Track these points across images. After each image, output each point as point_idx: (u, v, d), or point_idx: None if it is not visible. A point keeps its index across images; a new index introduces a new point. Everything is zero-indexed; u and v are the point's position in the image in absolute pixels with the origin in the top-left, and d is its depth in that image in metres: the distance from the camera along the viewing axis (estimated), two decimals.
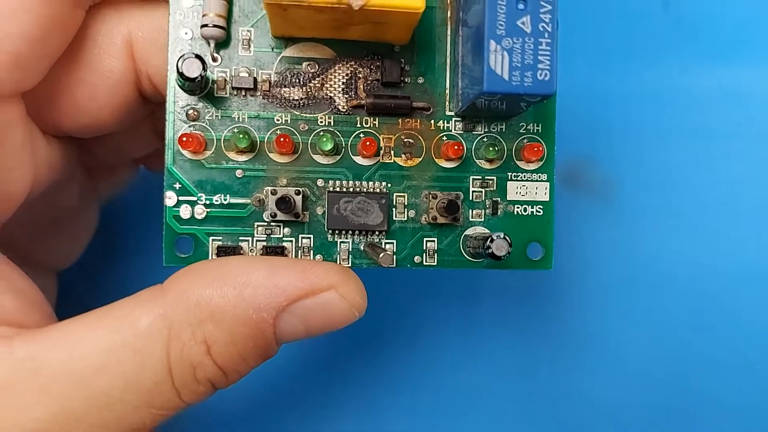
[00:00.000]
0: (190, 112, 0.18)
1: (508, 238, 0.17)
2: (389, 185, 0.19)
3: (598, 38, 0.29)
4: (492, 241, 0.17)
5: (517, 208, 0.19)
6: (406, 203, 0.19)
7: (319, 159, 0.19)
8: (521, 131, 0.19)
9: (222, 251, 0.18)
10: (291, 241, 0.18)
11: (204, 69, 0.17)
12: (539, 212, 0.19)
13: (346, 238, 0.19)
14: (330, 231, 0.19)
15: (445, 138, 0.19)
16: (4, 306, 0.17)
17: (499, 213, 0.19)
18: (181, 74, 0.17)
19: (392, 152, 0.19)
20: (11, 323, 0.17)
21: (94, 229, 0.25)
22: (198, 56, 0.17)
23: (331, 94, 0.19)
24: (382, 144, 0.19)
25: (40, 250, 0.20)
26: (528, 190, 0.19)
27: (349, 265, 0.19)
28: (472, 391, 0.28)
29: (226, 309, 0.16)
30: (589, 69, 0.29)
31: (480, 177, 0.19)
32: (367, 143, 0.18)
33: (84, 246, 0.25)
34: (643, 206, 0.29)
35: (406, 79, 0.19)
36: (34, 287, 0.18)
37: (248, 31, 0.18)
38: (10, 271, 0.18)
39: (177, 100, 0.18)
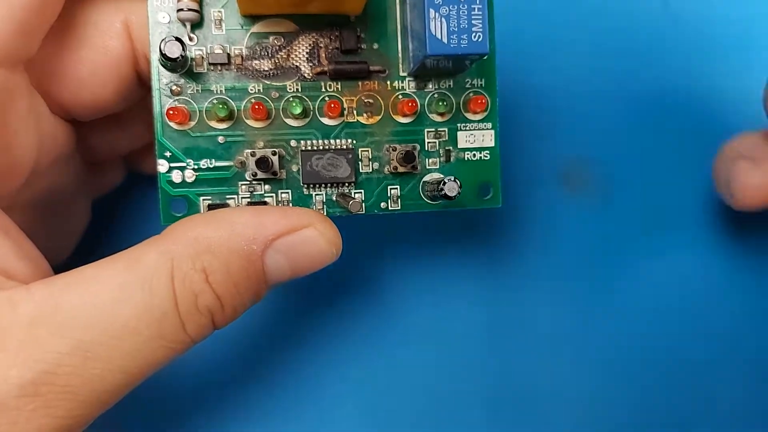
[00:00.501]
0: (174, 87, 0.20)
1: (457, 180, 0.20)
2: (354, 141, 0.21)
3: (597, 38, 0.29)
4: (444, 184, 0.20)
5: (468, 154, 0.22)
6: (370, 156, 0.21)
7: (291, 122, 0.21)
8: (467, 86, 0.21)
9: (212, 208, 0.21)
10: (272, 196, 0.21)
11: (184, 49, 0.19)
12: (486, 157, 0.22)
13: (320, 191, 0.21)
14: (305, 185, 0.21)
15: (400, 96, 0.21)
16: (20, 272, 0.19)
17: (451, 160, 0.22)
18: (163, 55, 0.19)
19: (355, 112, 0.21)
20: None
21: (86, 224, 0.26)
22: (178, 38, 0.19)
23: (297, 64, 0.21)
24: (345, 105, 0.21)
25: (33, 239, 0.21)
26: (476, 138, 0.22)
27: (324, 214, 0.21)
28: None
29: (221, 242, 0.18)
30: (589, 69, 0.29)
31: (433, 129, 0.22)
32: (332, 105, 0.21)
33: (75, 241, 0.26)
34: (642, 206, 0.29)
35: (363, 46, 0.21)
36: (39, 252, 0.20)
37: (219, 11, 0.20)
38: (21, 237, 0.20)
39: (161, 78, 0.20)
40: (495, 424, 0.28)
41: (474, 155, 0.22)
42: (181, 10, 0.20)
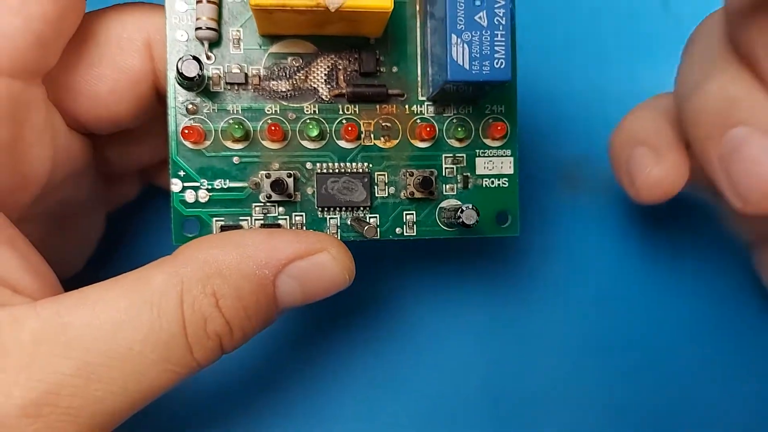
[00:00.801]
0: (190, 106, 0.20)
1: (476, 208, 0.19)
2: (371, 165, 0.21)
3: (596, 38, 0.29)
4: (462, 211, 0.19)
5: (486, 181, 0.21)
6: (386, 181, 0.21)
7: (307, 144, 0.21)
8: (486, 112, 0.21)
9: (225, 230, 0.20)
10: (285, 219, 0.21)
11: (201, 68, 0.19)
12: (505, 184, 0.21)
13: (335, 214, 0.21)
14: (320, 208, 0.21)
15: (418, 121, 0.21)
16: (27, 287, 0.18)
17: (469, 186, 0.21)
18: (180, 74, 0.19)
19: (372, 135, 0.21)
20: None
21: (100, 237, 0.26)
22: (195, 57, 0.19)
23: (315, 85, 0.21)
24: (362, 128, 0.21)
25: (46, 251, 0.21)
26: (494, 165, 0.21)
27: (338, 238, 0.21)
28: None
29: (232, 265, 0.18)
30: (588, 69, 0.29)
31: (451, 155, 0.21)
32: (349, 128, 0.20)
33: (88, 254, 0.25)
34: (641, 206, 0.28)
35: (382, 69, 0.21)
36: (47, 267, 0.20)
37: (237, 31, 0.20)
38: (29, 250, 0.19)
39: (177, 96, 0.20)
40: None
41: (492, 182, 0.21)
42: (200, 28, 0.20)
